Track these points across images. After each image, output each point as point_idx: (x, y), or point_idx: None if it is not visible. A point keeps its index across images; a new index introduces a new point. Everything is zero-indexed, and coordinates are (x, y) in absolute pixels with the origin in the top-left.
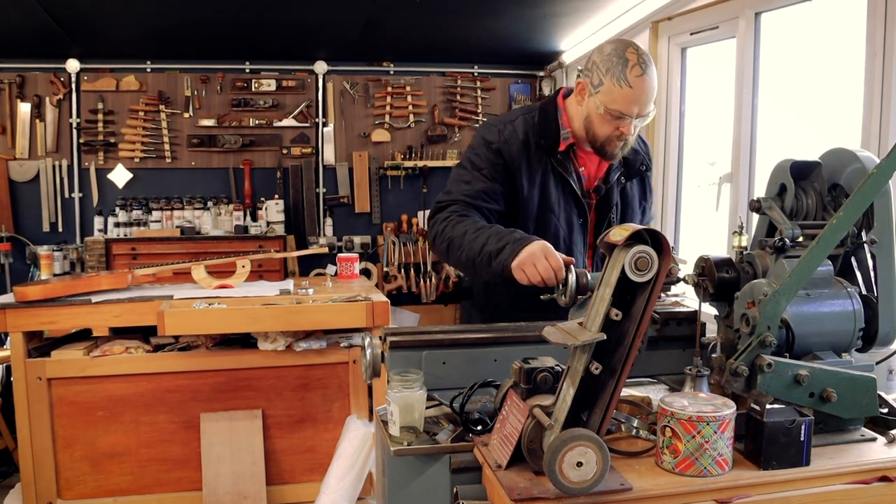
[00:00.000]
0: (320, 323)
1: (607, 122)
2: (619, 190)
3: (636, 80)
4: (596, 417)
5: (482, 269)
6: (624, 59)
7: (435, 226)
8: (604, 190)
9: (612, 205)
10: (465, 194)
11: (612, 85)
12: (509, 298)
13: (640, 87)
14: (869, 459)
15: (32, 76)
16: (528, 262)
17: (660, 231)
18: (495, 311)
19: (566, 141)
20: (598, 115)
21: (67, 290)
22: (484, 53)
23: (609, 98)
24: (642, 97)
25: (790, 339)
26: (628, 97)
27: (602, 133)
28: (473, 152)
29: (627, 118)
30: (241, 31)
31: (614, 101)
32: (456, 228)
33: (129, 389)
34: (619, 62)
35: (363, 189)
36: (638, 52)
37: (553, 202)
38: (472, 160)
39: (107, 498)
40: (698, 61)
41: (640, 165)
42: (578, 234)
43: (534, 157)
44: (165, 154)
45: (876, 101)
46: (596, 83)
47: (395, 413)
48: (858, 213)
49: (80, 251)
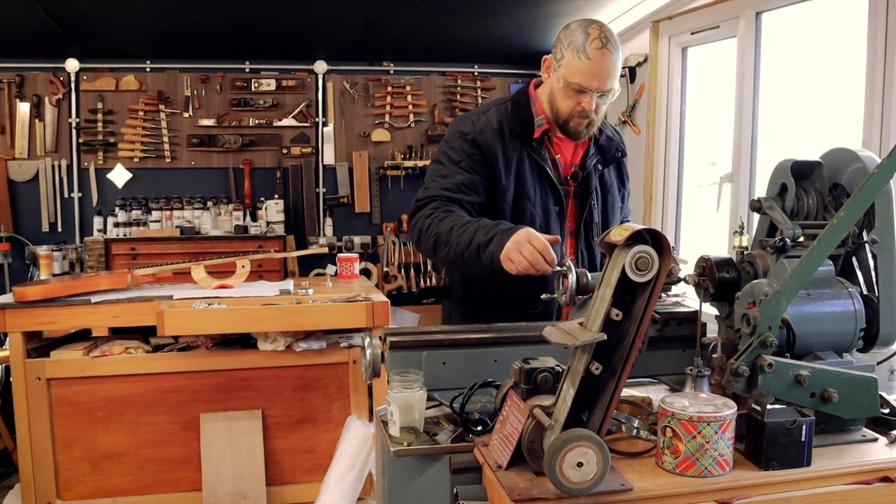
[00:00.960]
0: (320, 323)
1: (569, 97)
2: (597, 176)
3: (595, 52)
4: (596, 418)
5: (472, 264)
6: (585, 34)
7: (418, 223)
8: (581, 176)
9: (592, 190)
10: (444, 188)
11: (572, 57)
12: (488, 294)
13: (598, 60)
14: (870, 460)
15: (32, 76)
16: (514, 251)
17: (660, 231)
18: (474, 307)
19: (540, 127)
20: (560, 90)
21: (67, 291)
22: (484, 53)
23: (569, 71)
24: (601, 70)
25: (791, 340)
26: (587, 69)
27: (564, 108)
28: (448, 146)
29: (588, 92)
30: (241, 31)
31: (573, 73)
32: (441, 224)
33: (128, 390)
34: (580, 36)
35: (363, 189)
36: (601, 29)
37: (529, 189)
38: (448, 154)
39: (106, 498)
40: (699, 61)
41: (616, 152)
42: (555, 221)
43: (509, 145)
44: (165, 154)
45: (877, 100)
46: (559, 57)
47: (395, 413)
48: (859, 213)
49: (80, 251)
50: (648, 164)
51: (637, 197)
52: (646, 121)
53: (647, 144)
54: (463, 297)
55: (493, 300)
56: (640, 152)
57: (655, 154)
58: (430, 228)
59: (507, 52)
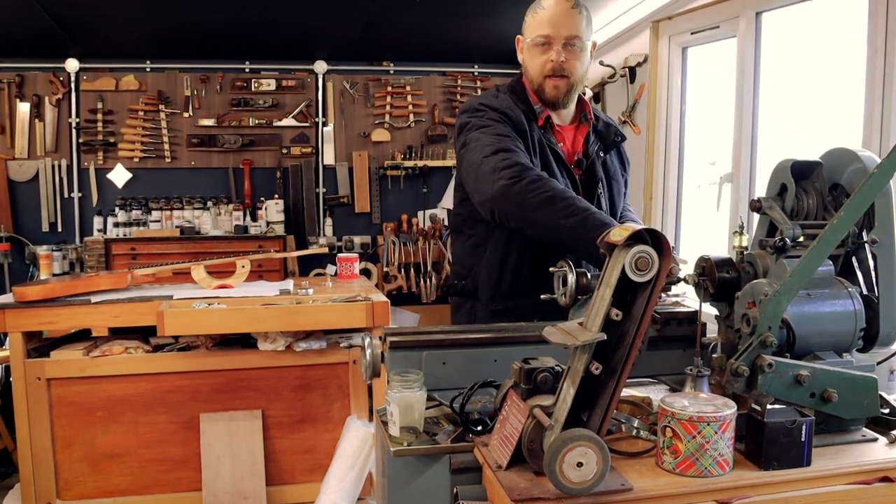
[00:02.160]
0: (320, 323)
1: (536, 56)
2: (600, 163)
3: (549, 2)
4: (596, 418)
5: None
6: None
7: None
8: (585, 164)
9: (598, 179)
10: (523, 151)
11: (531, 18)
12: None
13: (552, 7)
14: (870, 460)
15: (32, 76)
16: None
17: (660, 231)
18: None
19: (541, 115)
20: (529, 53)
21: (67, 291)
22: (484, 53)
23: (530, 30)
24: (558, 17)
25: (791, 340)
26: (544, 19)
27: (535, 70)
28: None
29: (552, 43)
30: (241, 31)
31: (533, 28)
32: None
33: (128, 390)
34: (537, 1)
35: (363, 189)
36: None
37: (553, 170)
38: (492, 121)
39: (106, 498)
40: (699, 61)
41: (615, 136)
42: None
43: (529, 124)
44: (165, 154)
45: (877, 100)
46: (524, 28)
47: (394, 413)
48: (859, 213)
49: (80, 251)
50: (648, 164)
51: (637, 197)
52: (646, 121)
53: (647, 144)
54: (491, 293)
55: (522, 292)
56: (640, 152)
57: (655, 154)
58: (545, 186)
59: (507, 52)
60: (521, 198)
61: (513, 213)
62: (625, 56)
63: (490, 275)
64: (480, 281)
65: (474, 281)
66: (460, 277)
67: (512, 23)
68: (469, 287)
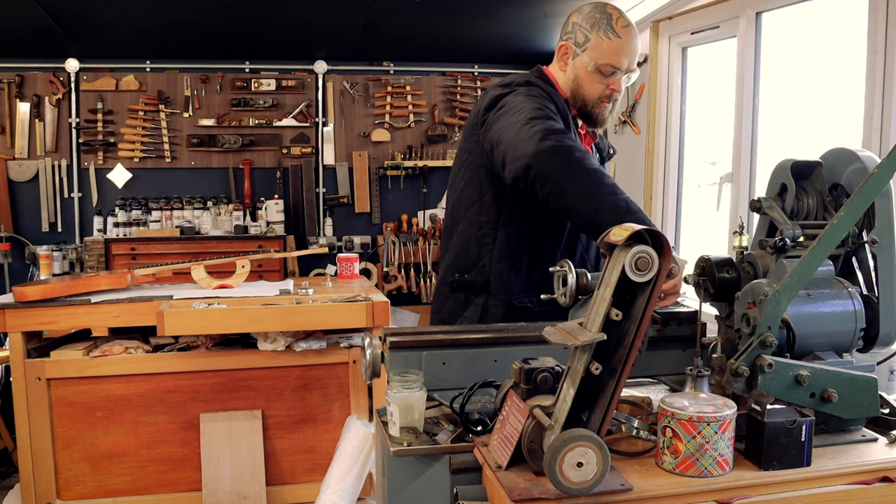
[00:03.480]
0: (320, 323)
1: (597, 81)
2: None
3: (623, 30)
4: (596, 418)
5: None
6: (607, 14)
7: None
8: None
9: None
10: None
11: (600, 38)
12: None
13: (627, 37)
14: (870, 460)
15: (31, 76)
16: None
17: (660, 231)
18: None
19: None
20: (588, 74)
21: (67, 291)
22: (484, 53)
23: (598, 53)
24: (630, 48)
25: (791, 340)
26: (618, 49)
27: (592, 94)
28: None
29: (618, 73)
30: (241, 31)
31: (604, 54)
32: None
33: (128, 390)
34: (602, 17)
35: (363, 189)
36: (618, 9)
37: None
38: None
39: (106, 498)
40: (699, 61)
41: (609, 149)
42: None
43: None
44: (165, 154)
45: (877, 100)
46: (581, 41)
47: (394, 413)
48: (859, 213)
49: (80, 251)
50: (648, 164)
51: (637, 197)
52: (646, 121)
53: (647, 144)
54: (505, 288)
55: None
56: (640, 152)
57: (655, 154)
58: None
59: (507, 52)
60: (568, 161)
61: (552, 176)
62: None
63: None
64: (494, 273)
65: (483, 273)
66: (462, 270)
67: (512, 23)
68: (479, 281)
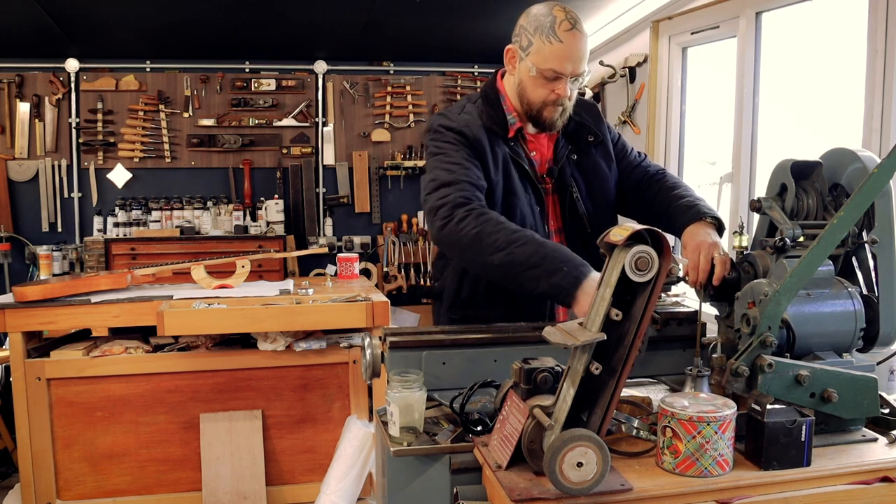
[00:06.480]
0: (320, 323)
1: (541, 86)
2: (573, 167)
3: (566, 34)
4: (596, 418)
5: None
6: (552, 17)
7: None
8: (556, 172)
9: (568, 184)
10: (467, 179)
11: (542, 43)
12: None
13: (570, 42)
14: (870, 460)
15: (31, 76)
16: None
17: (660, 231)
18: (465, 309)
19: (513, 126)
20: (531, 79)
21: (67, 291)
22: (484, 53)
23: (540, 58)
24: (574, 53)
25: (791, 340)
26: (560, 53)
27: (536, 98)
28: (442, 139)
29: (562, 78)
30: (241, 31)
31: (546, 59)
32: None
33: (128, 390)
34: (546, 20)
35: (363, 189)
36: (565, 10)
37: (516, 187)
38: (448, 144)
39: (106, 498)
40: (699, 61)
41: (588, 136)
42: (539, 220)
43: (492, 140)
44: (165, 154)
45: (877, 100)
46: (525, 45)
47: (394, 413)
48: (859, 213)
49: (80, 251)
50: None
51: None
52: (646, 121)
53: (647, 144)
54: (453, 297)
55: (482, 302)
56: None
57: (655, 154)
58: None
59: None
60: (452, 239)
61: (452, 255)
62: (625, 56)
63: (452, 281)
64: (446, 286)
65: (442, 285)
66: (434, 279)
67: (512, 23)
68: (437, 290)
